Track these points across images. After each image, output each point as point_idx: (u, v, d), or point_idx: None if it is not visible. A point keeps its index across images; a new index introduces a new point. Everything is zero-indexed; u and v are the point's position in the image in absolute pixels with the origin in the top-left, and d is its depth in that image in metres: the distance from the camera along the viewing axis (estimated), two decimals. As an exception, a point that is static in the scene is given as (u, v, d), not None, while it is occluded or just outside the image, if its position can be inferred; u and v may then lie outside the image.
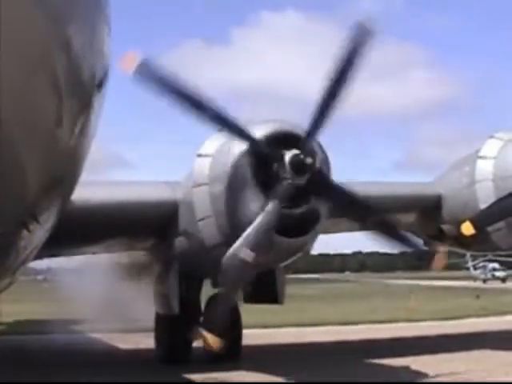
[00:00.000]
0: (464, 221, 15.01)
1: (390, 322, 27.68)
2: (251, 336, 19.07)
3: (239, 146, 12.15)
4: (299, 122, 12.13)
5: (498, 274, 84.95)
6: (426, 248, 19.50)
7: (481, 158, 16.08)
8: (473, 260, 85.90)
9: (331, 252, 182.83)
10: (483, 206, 15.43)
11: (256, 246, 11.33)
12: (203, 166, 12.99)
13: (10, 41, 5.36)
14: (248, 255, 11.20)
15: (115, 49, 7.86)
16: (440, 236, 17.41)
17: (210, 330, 11.54)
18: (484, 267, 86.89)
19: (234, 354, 16.71)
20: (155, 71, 10.48)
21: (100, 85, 7.41)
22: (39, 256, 13.34)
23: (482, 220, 15.12)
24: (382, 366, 15.61)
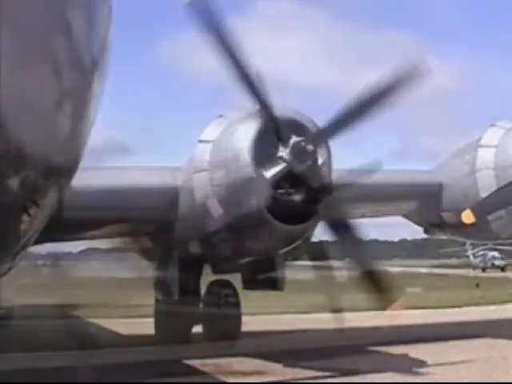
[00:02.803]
0: (464, 209, 15.01)
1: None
2: (251, 322, 19.11)
3: (240, 132, 12.12)
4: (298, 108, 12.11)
5: (497, 262, 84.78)
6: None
7: (482, 146, 16.05)
8: (472, 248, 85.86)
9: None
10: (484, 194, 15.42)
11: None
12: (204, 152, 12.98)
13: (9, 23, 5.33)
14: None
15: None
16: (440, 224, 17.41)
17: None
18: (484, 256, 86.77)
19: (233, 340, 16.78)
20: (208, 9, 10.59)
21: (101, 69, 7.37)
22: (39, 241, 13.32)
23: (482, 208, 15.11)
24: (381, 353, 15.63)
